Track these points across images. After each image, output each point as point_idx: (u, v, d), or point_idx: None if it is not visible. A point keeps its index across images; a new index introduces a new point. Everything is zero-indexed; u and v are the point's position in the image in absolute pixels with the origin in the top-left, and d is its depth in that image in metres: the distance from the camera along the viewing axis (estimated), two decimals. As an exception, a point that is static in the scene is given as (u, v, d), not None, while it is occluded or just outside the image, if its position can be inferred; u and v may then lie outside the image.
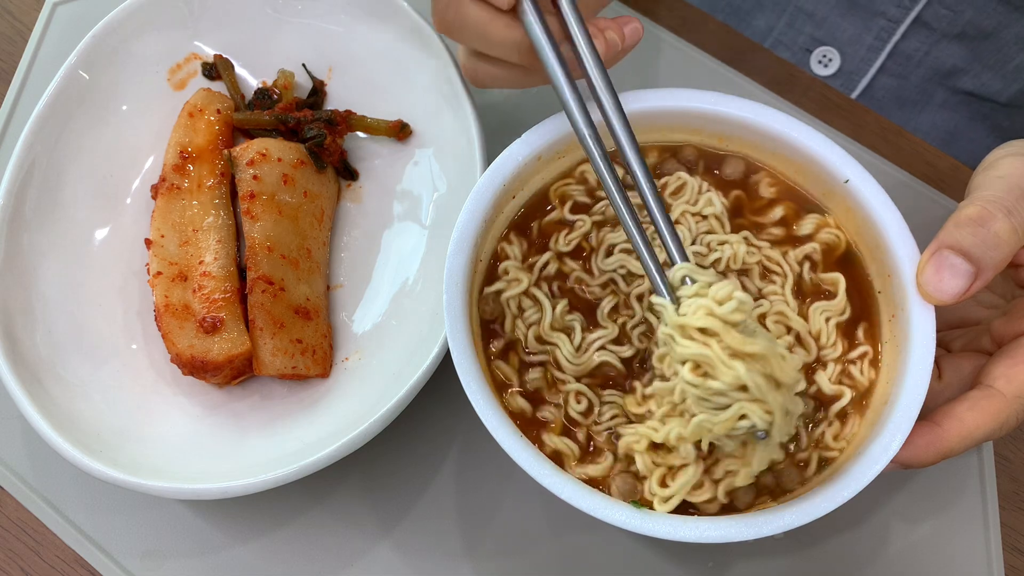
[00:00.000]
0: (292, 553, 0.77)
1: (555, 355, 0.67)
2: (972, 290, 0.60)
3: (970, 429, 0.61)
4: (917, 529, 0.79)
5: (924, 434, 0.62)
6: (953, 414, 0.62)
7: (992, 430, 0.62)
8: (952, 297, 0.60)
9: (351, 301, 0.84)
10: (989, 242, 0.60)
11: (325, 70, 0.92)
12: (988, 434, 0.62)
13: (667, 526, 0.59)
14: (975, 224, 0.60)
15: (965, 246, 0.60)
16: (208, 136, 0.85)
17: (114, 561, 0.76)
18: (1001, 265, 0.61)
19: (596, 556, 0.76)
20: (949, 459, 0.63)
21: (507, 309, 0.69)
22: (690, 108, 0.73)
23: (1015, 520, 0.81)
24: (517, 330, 0.68)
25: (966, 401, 0.63)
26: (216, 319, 0.76)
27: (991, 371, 0.64)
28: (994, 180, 0.63)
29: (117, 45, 0.86)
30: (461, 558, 0.77)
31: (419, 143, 0.88)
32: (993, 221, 0.60)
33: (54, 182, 0.82)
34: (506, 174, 0.70)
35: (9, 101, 0.94)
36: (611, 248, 0.71)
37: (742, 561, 0.77)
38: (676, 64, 0.98)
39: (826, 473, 0.65)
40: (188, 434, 0.76)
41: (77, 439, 0.70)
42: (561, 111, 0.72)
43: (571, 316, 0.69)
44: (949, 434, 0.62)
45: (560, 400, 0.67)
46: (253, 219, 0.80)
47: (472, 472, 0.79)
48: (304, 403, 0.79)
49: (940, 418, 0.63)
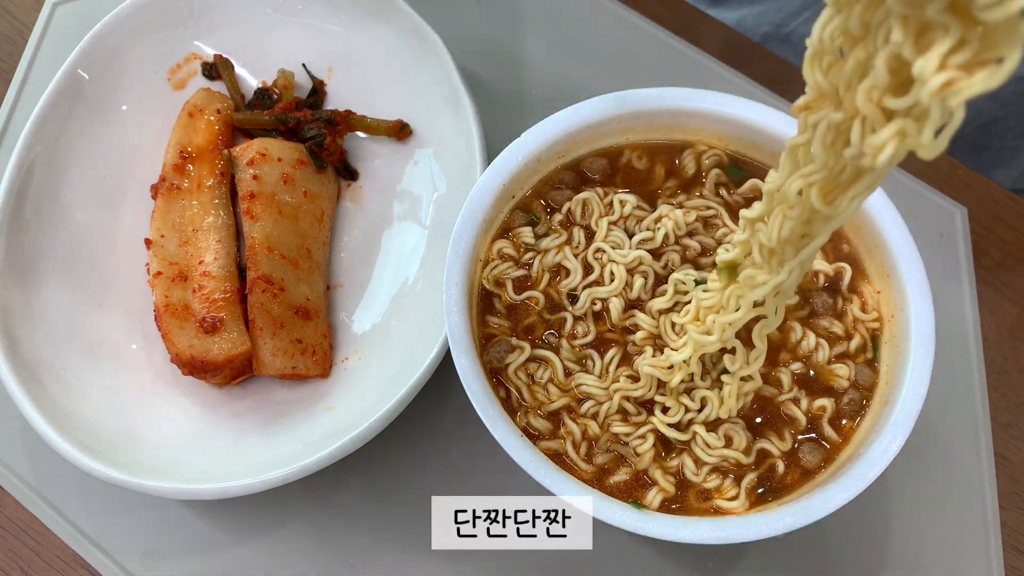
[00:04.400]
0: (292, 553, 0.77)
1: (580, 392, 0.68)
2: None
3: None
4: (917, 529, 0.79)
5: None
6: None
7: None
8: None
9: (351, 301, 0.84)
10: None
11: (325, 70, 0.92)
12: None
13: (667, 527, 0.59)
14: None
15: None
16: (208, 136, 0.85)
17: (114, 561, 0.76)
18: None
19: (596, 556, 0.76)
20: (949, 459, 0.63)
21: (517, 380, 0.68)
22: (690, 108, 0.73)
23: (1015, 520, 0.81)
24: (537, 394, 0.68)
25: None
26: (216, 319, 0.76)
27: None
28: None
29: (117, 45, 0.86)
30: (461, 558, 0.77)
31: (419, 143, 0.88)
32: None
33: (54, 182, 0.82)
34: (506, 174, 0.70)
35: (9, 101, 0.94)
36: (572, 292, 0.71)
37: (742, 561, 0.77)
38: (676, 64, 0.98)
39: (826, 474, 0.65)
40: (188, 434, 0.76)
41: (77, 439, 0.70)
42: (561, 111, 0.72)
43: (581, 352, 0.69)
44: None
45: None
46: (253, 219, 0.80)
47: (472, 472, 0.79)
48: (304, 403, 0.79)
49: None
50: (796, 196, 0.49)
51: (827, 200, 0.48)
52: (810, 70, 0.45)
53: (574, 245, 0.72)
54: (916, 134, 0.39)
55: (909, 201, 0.92)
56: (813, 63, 0.45)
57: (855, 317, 0.70)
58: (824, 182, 0.48)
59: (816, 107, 0.46)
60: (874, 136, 0.41)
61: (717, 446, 0.65)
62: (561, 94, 0.92)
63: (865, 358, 0.69)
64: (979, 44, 0.35)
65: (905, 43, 0.37)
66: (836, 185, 0.48)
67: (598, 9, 1.00)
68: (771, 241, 0.53)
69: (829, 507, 0.59)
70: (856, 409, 0.67)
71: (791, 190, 0.49)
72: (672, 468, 0.65)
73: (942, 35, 0.35)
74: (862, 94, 0.41)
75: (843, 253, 0.72)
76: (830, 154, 0.46)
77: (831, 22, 0.43)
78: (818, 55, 0.44)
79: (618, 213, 0.73)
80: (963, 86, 0.35)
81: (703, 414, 0.65)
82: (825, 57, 0.44)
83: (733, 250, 0.58)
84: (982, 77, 0.35)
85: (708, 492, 0.65)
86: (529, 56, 0.98)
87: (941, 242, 0.91)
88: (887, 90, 0.40)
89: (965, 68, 0.35)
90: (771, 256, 0.54)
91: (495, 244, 0.71)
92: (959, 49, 0.35)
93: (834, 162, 0.46)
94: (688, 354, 0.63)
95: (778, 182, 0.51)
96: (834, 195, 0.48)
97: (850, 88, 0.43)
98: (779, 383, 0.68)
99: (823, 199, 0.48)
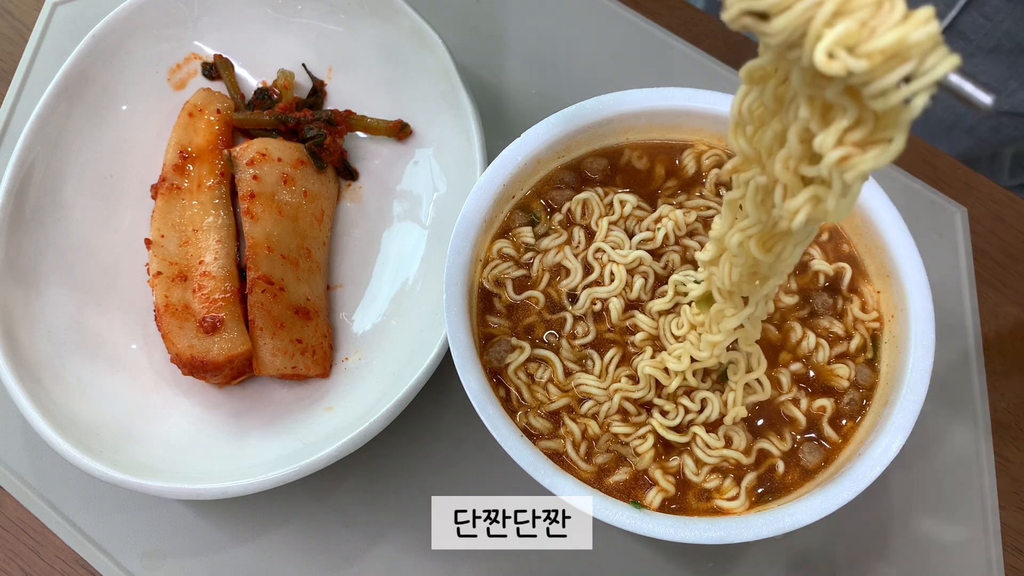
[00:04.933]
0: (292, 553, 0.77)
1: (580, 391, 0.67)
2: None
3: None
4: (917, 529, 0.79)
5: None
6: None
7: None
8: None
9: (351, 301, 0.84)
10: None
11: (325, 70, 0.92)
12: None
13: (667, 527, 0.59)
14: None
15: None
16: (208, 136, 0.85)
17: (114, 561, 0.76)
18: None
19: (596, 556, 0.76)
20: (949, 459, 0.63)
21: (517, 380, 0.68)
22: (690, 108, 0.73)
23: (1015, 520, 0.81)
24: (537, 393, 0.68)
25: None
26: (216, 319, 0.76)
27: None
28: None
29: (117, 45, 0.86)
30: (461, 558, 0.77)
31: (419, 143, 0.88)
32: None
33: (54, 182, 0.82)
34: (506, 174, 0.70)
35: (9, 101, 0.94)
36: (572, 292, 0.71)
37: (742, 561, 0.77)
38: (676, 64, 0.98)
39: (826, 474, 0.65)
40: (188, 434, 0.76)
41: (77, 439, 0.70)
42: (561, 111, 0.72)
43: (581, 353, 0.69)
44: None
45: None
46: (253, 219, 0.80)
47: (472, 472, 0.79)
48: (304, 403, 0.79)
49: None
50: (737, 247, 0.52)
51: (766, 249, 0.51)
52: (734, 138, 0.49)
53: (574, 245, 0.72)
54: (826, 199, 0.43)
55: (909, 201, 0.92)
56: (737, 132, 0.48)
57: (855, 317, 0.70)
58: (760, 235, 0.51)
59: (744, 169, 0.50)
60: (791, 201, 0.44)
61: (717, 447, 0.65)
62: (561, 94, 0.93)
63: (865, 358, 0.69)
64: (874, 124, 0.38)
65: (812, 119, 0.41)
66: (772, 236, 0.51)
67: (598, 9, 1.00)
68: (725, 284, 0.56)
69: (829, 507, 0.59)
70: (856, 409, 0.67)
71: (732, 242, 0.52)
72: (672, 468, 0.65)
73: (840, 114, 0.39)
74: (779, 163, 0.45)
75: (843, 253, 0.72)
76: (761, 211, 0.49)
77: (748, 96, 0.46)
78: (740, 125, 0.48)
79: (618, 213, 0.73)
80: (857, 162, 0.39)
81: (703, 415, 0.66)
82: (748, 126, 0.48)
83: (700, 285, 0.62)
84: (874, 155, 0.38)
85: (708, 492, 0.65)
86: (529, 56, 0.98)
87: (941, 242, 0.91)
88: (802, 159, 0.44)
89: (860, 145, 0.39)
90: (730, 295, 0.57)
91: (495, 244, 0.71)
92: (856, 127, 0.39)
93: (766, 217, 0.50)
94: (684, 366, 0.63)
95: (722, 231, 0.54)
96: (771, 244, 0.51)
97: (771, 155, 0.46)
98: (779, 383, 0.68)
99: (762, 249, 0.51)
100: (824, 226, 0.73)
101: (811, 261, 0.72)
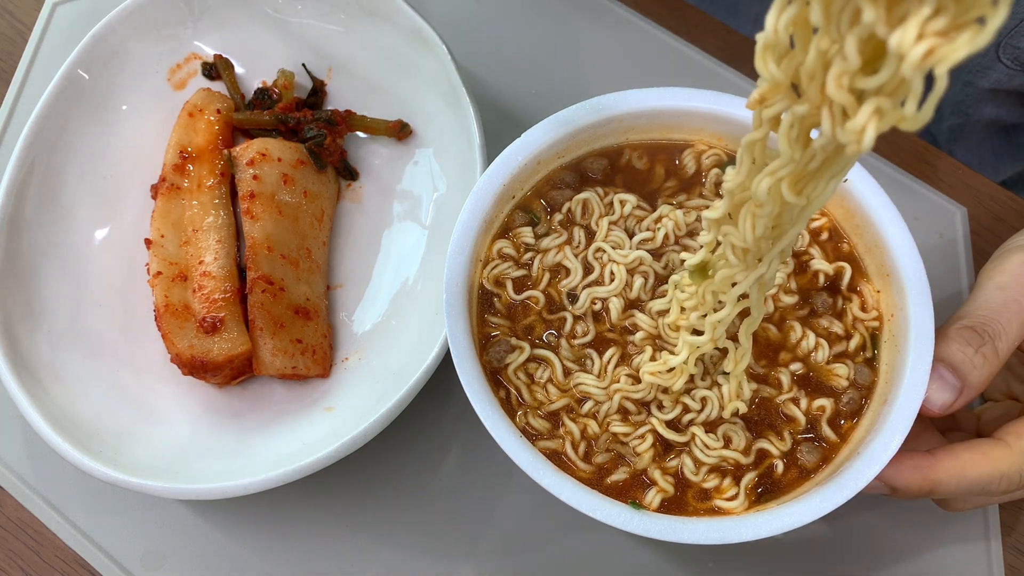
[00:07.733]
0: (292, 553, 0.77)
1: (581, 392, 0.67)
2: (957, 405, 0.62)
3: (963, 465, 0.62)
4: (917, 529, 0.79)
5: (914, 457, 0.63)
6: (951, 449, 0.63)
7: (989, 476, 0.62)
8: (940, 409, 0.62)
9: (351, 301, 0.84)
10: (976, 363, 0.62)
11: (325, 70, 0.92)
12: (983, 478, 0.62)
13: (666, 527, 0.59)
14: (965, 343, 0.62)
15: (955, 362, 0.62)
16: (208, 136, 0.85)
17: (114, 561, 0.76)
18: (983, 385, 0.63)
19: (596, 556, 0.76)
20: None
21: (517, 380, 0.67)
22: (690, 108, 0.73)
23: (1015, 520, 0.81)
24: (536, 394, 0.67)
25: (968, 443, 0.64)
26: (216, 319, 0.76)
27: (1007, 427, 0.65)
28: (994, 292, 0.65)
29: (117, 45, 0.86)
30: (461, 558, 0.77)
31: (419, 143, 0.88)
32: (982, 344, 0.62)
33: (54, 182, 0.82)
34: (506, 174, 0.70)
35: (9, 101, 0.94)
36: (572, 292, 0.71)
37: (742, 561, 0.77)
38: (676, 64, 0.98)
39: (826, 473, 0.65)
40: (188, 434, 0.76)
41: (77, 439, 0.70)
42: (561, 111, 0.72)
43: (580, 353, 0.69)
44: (940, 464, 0.62)
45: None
46: (253, 219, 0.80)
47: (472, 472, 0.79)
48: (304, 403, 0.79)
49: (937, 450, 0.63)
50: (766, 194, 0.48)
51: (798, 191, 0.48)
52: (763, 62, 0.44)
53: (574, 245, 0.72)
54: (892, 109, 0.38)
55: (909, 201, 0.92)
56: (766, 55, 0.43)
57: (855, 316, 0.70)
58: (793, 175, 0.47)
59: (771, 99, 0.45)
60: (852, 121, 0.39)
61: (716, 446, 0.65)
62: (561, 94, 0.93)
63: (864, 357, 0.69)
64: (955, 7, 0.34)
65: (878, 21, 0.36)
66: (804, 175, 0.47)
67: (598, 9, 1.00)
68: (745, 241, 0.52)
69: (829, 506, 0.59)
70: (855, 408, 0.67)
71: (760, 189, 0.48)
72: (671, 468, 0.65)
73: (917, 5, 0.34)
74: (832, 81, 0.40)
75: (843, 253, 0.72)
76: (796, 148, 0.45)
77: (784, 11, 0.41)
78: (771, 47, 0.43)
79: (618, 213, 0.73)
80: (946, 51, 0.34)
81: (703, 414, 0.66)
82: (777, 48, 0.43)
83: (700, 251, 0.58)
84: (965, 39, 0.34)
85: (707, 492, 0.65)
86: (529, 56, 0.98)
87: (941, 242, 0.91)
88: (857, 73, 0.39)
89: (943, 34, 0.34)
90: (745, 254, 0.54)
91: (495, 244, 0.71)
92: (936, 16, 0.34)
93: (800, 155, 0.46)
94: (685, 356, 0.63)
95: (739, 181, 0.50)
96: (803, 185, 0.48)
97: (814, 79, 0.42)
98: (779, 383, 0.68)
99: (795, 192, 0.47)
100: (824, 226, 0.73)
101: (811, 261, 0.72)
